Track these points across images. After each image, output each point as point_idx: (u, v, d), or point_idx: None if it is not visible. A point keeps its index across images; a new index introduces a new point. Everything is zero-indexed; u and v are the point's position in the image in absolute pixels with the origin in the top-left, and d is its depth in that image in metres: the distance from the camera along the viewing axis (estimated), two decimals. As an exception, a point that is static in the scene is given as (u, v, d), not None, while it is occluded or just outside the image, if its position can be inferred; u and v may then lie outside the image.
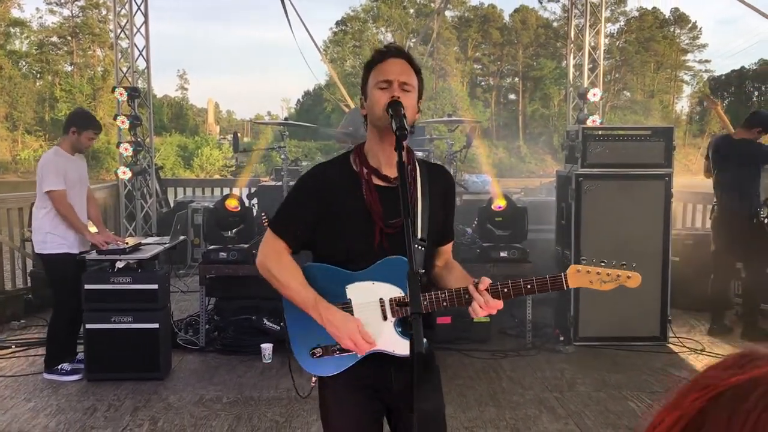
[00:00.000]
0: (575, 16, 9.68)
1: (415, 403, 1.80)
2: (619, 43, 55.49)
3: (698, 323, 6.38)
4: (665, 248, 5.63)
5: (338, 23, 55.39)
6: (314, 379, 2.13)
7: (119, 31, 9.18)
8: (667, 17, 57.90)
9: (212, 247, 5.64)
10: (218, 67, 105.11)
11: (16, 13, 52.50)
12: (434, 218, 2.07)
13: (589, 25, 9.09)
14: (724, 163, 5.85)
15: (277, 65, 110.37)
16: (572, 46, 9.52)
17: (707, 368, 0.61)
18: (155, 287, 4.78)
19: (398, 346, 2.00)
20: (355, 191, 2.01)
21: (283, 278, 2.01)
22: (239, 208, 5.68)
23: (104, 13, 51.43)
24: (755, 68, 60.57)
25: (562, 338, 5.59)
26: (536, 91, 54.41)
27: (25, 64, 52.52)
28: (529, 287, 1.99)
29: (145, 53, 9.15)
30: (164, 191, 9.97)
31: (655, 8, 56.93)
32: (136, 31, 9.07)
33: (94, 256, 4.85)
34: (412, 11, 55.26)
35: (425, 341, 1.95)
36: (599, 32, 9.21)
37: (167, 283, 5.08)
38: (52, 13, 53.26)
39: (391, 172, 2.03)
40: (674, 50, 57.64)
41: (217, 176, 40.80)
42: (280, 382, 4.75)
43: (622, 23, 56.21)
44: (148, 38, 9.13)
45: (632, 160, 5.61)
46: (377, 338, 2.00)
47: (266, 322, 5.45)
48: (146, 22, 9.09)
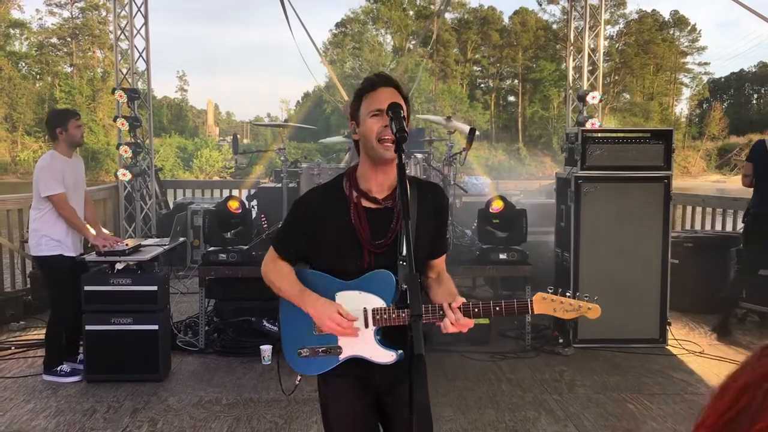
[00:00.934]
0: (575, 18, 9.70)
1: (413, 406, 1.82)
2: (618, 45, 55.53)
3: (697, 326, 6.38)
4: (664, 250, 5.63)
5: (338, 25, 55.47)
6: (299, 378, 2.30)
7: (119, 32, 9.19)
8: (666, 20, 57.99)
9: (212, 248, 5.64)
10: (218, 68, 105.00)
11: (16, 14, 52.60)
12: (423, 233, 2.18)
13: (588, 27, 9.11)
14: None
15: (276, 67, 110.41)
16: (572, 48, 9.53)
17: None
18: (155, 289, 4.78)
19: (375, 353, 2.15)
20: (343, 215, 2.15)
21: (277, 282, 2.23)
22: (240, 209, 5.69)
23: (104, 14, 51.45)
24: (754, 71, 60.72)
25: (561, 340, 5.59)
26: (536, 93, 54.43)
27: (24, 65, 52.52)
28: (497, 309, 2.11)
29: (144, 55, 9.16)
30: (164, 193, 9.98)
31: (654, 10, 57.04)
32: (136, 32, 9.09)
33: (94, 257, 4.85)
34: (411, 13, 55.27)
35: (399, 352, 2.14)
36: (599, 34, 9.22)
37: (167, 284, 5.08)
38: (52, 14, 53.30)
39: (379, 194, 2.17)
40: (673, 53, 57.68)
41: (216, 178, 40.82)
42: (279, 384, 4.74)
43: (621, 25, 56.31)
44: (148, 40, 9.14)
45: (631, 162, 5.62)
46: (358, 344, 2.15)
47: (266, 323, 5.46)
48: (146, 23, 9.11)
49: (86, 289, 4.72)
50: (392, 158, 2.06)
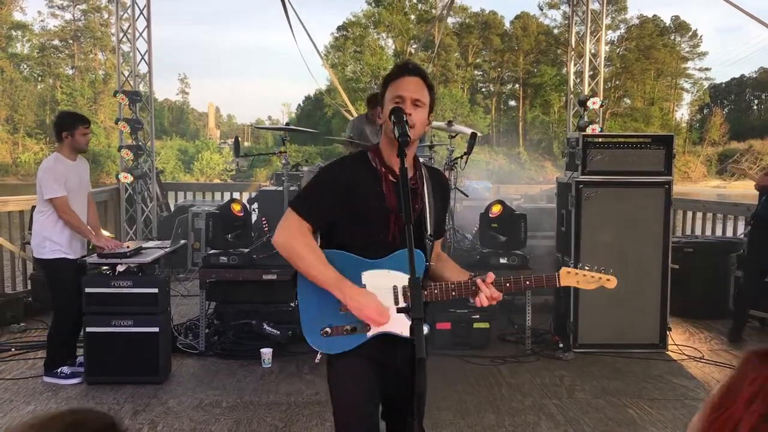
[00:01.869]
0: (576, 23, 9.71)
1: (415, 408, 1.83)
2: (619, 50, 55.57)
3: (697, 331, 6.38)
4: (665, 255, 5.64)
5: (339, 28, 55.47)
6: (319, 356, 2.34)
7: (121, 35, 9.21)
8: (667, 25, 58.03)
9: (212, 251, 5.64)
10: (219, 71, 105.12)
11: (18, 16, 52.70)
12: (437, 214, 2.30)
13: (589, 32, 9.12)
14: None
15: (278, 70, 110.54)
16: (573, 53, 9.55)
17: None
18: (155, 291, 4.78)
19: (406, 328, 2.09)
20: (375, 186, 2.19)
21: (309, 257, 2.13)
22: (243, 212, 5.71)
23: (106, 16, 51.52)
24: (755, 76, 60.74)
25: (561, 345, 5.59)
26: (536, 97, 54.45)
27: (26, 67, 52.61)
28: (527, 283, 2.29)
29: (146, 57, 9.18)
30: (165, 195, 9.99)
31: (655, 16, 57.10)
32: (138, 35, 9.10)
33: (95, 259, 4.85)
34: (413, 17, 55.31)
35: (429, 325, 2.13)
36: (600, 39, 9.24)
37: (167, 287, 5.09)
38: (54, 16, 53.38)
39: None
40: (674, 58, 57.69)
41: (217, 180, 40.85)
42: (279, 386, 4.75)
43: (622, 31, 56.33)
44: (150, 42, 9.16)
45: (632, 167, 5.62)
46: (390, 320, 2.16)
47: (266, 326, 5.46)
48: (148, 26, 9.12)
49: (87, 291, 4.72)
50: (411, 141, 2.12)
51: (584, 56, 9.15)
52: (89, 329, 4.74)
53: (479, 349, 5.61)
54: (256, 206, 7.50)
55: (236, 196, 9.85)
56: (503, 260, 5.65)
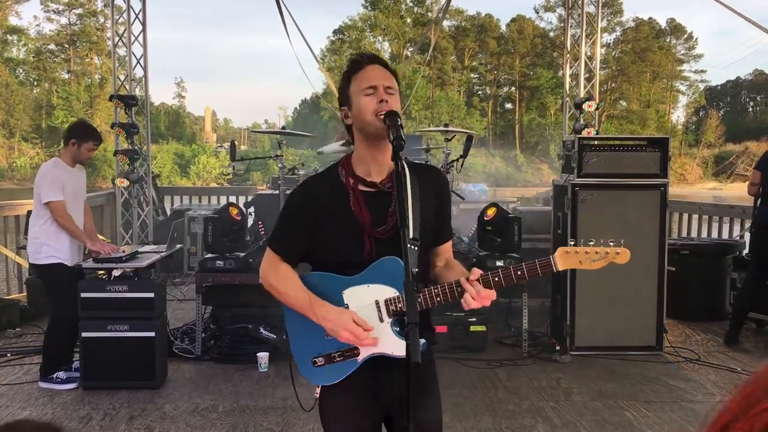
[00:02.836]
0: (571, 26, 9.74)
1: (411, 412, 1.82)
2: (615, 53, 55.70)
3: (693, 333, 6.39)
4: (661, 258, 5.65)
5: (335, 32, 55.53)
6: (317, 390, 2.15)
7: (117, 39, 9.20)
8: (662, 27, 58.18)
9: (209, 255, 5.64)
10: (215, 75, 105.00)
11: (13, 20, 52.57)
12: (426, 218, 2.08)
13: (585, 34, 9.14)
14: None
15: (274, 74, 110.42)
16: (568, 55, 9.57)
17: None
18: (151, 296, 4.77)
19: (396, 347, 2.00)
20: (342, 203, 2.04)
21: (280, 286, 2.06)
22: (240, 216, 5.71)
23: (102, 21, 51.48)
24: (750, 78, 60.91)
25: (558, 347, 5.59)
26: (533, 100, 54.55)
27: (22, 71, 52.51)
28: (519, 273, 1.98)
29: (142, 61, 9.18)
30: (161, 199, 9.97)
31: (651, 18, 57.23)
32: (133, 39, 9.10)
33: (90, 264, 4.85)
34: (409, 20, 55.40)
35: (423, 342, 1.99)
36: (595, 42, 9.26)
37: (163, 291, 5.07)
38: (49, 20, 53.46)
39: (378, 177, 2.07)
40: (670, 60, 57.83)
41: (213, 184, 40.79)
42: (276, 391, 4.74)
43: (618, 33, 56.44)
44: (145, 46, 9.15)
45: (628, 169, 5.63)
46: (376, 341, 2.00)
47: (263, 330, 5.45)
48: (144, 30, 9.12)
49: (83, 296, 4.71)
50: (383, 129, 1.96)
51: (580, 59, 9.17)
52: (85, 334, 4.73)
53: (476, 352, 5.60)
54: (252, 210, 7.49)
55: (233, 199, 9.85)
56: (499, 263, 5.65)
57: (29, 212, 5.40)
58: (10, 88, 48.81)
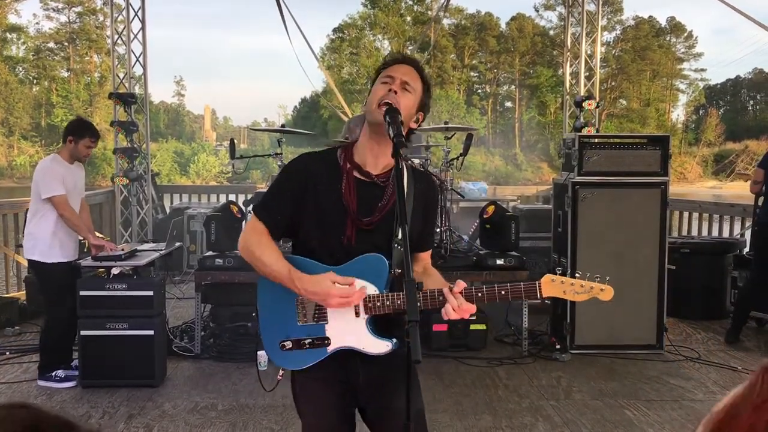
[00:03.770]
0: (571, 24, 9.73)
1: (410, 410, 1.81)
2: (615, 51, 55.66)
3: (694, 331, 6.38)
4: (661, 256, 5.63)
5: (335, 30, 55.45)
6: (281, 373, 2.18)
7: (116, 37, 9.19)
8: (662, 26, 58.16)
9: (208, 253, 5.62)
10: (215, 73, 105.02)
11: (13, 18, 52.51)
12: (414, 223, 2.08)
13: (585, 33, 9.13)
14: None
15: (274, 72, 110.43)
16: (569, 54, 9.55)
17: None
18: (151, 294, 4.76)
19: (368, 344, 2.01)
20: (334, 184, 2.04)
21: (263, 256, 2.01)
22: (240, 214, 5.71)
23: (101, 19, 51.38)
24: (750, 77, 60.92)
25: (558, 346, 5.57)
26: (533, 99, 54.51)
27: (21, 69, 52.43)
28: (503, 293, 1.99)
29: (142, 59, 9.16)
30: (160, 197, 9.97)
31: (651, 17, 57.21)
32: (133, 37, 9.08)
33: (89, 262, 4.83)
34: (409, 19, 55.35)
35: (394, 340, 2.01)
36: (595, 40, 9.25)
37: (163, 289, 5.06)
38: (49, 19, 53.22)
39: (374, 169, 2.07)
40: (670, 59, 57.81)
41: (213, 183, 40.80)
42: (275, 389, 4.71)
43: (618, 32, 56.38)
44: (145, 44, 9.14)
45: (628, 168, 5.62)
46: (349, 335, 2.02)
47: (262, 329, 5.43)
48: (143, 28, 9.11)
49: (82, 294, 4.69)
50: (382, 123, 1.96)
51: (580, 57, 9.16)
52: (84, 332, 4.71)
53: (476, 350, 5.59)
54: (251, 208, 7.48)
55: (232, 198, 9.84)
56: (500, 261, 5.64)
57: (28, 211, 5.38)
58: (9, 86, 48.78)
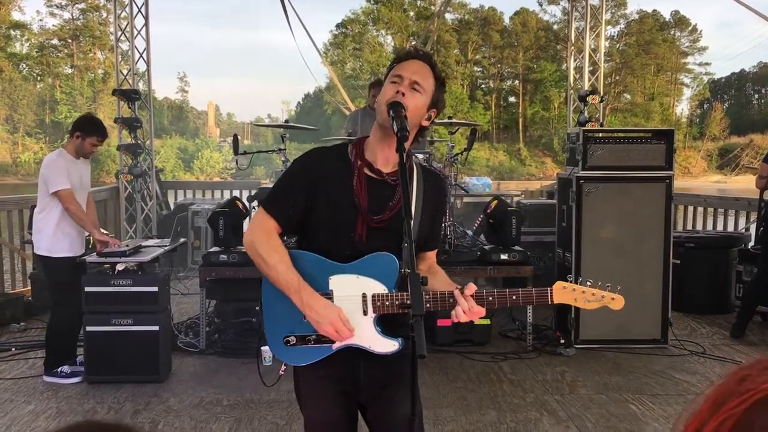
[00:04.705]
0: (575, 18, 9.69)
1: (413, 406, 1.82)
2: (619, 45, 55.52)
3: (699, 326, 6.37)
4: (666, 250, 5.62)
5: (338, 26, 55.46)
6: (283, 368, 2.15)
7: (120, 33, 9.19)
8: (667, 20, 57.98)
9: (212, 249, 5.63)
10: (219, 69, 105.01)
11: (16, 15, 52.57)
12: (423, 221, 2.08)
13: (589, 27, 9.10)
14: None
15: (277, 68, 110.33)
16: (572, 48, 9.53)
17: (740, 369, 0.61)
18: (155, 290, 4.77)
19: (375, 343, 2.00)
20: (345, 180, 2.01)
21: (270, 259, 1.97)
22: (245, 210, 5.72)
23: (105, 15, 51.43)
24: (755, 71, 60.73)
25: (562, 341, 5.57)
26: (536, 93, 54.42)
27: (25, 66, 52.52)
28: (514, 298, 2.00)
29: (145, 56, 9.16)
30: (164, 194, 9.97)
31: (655, 11, 57.02)
32: (136, 33, 9.08)
33: (94, 258, 4.84)
34: (412, 14, 55.28)
35: (400, 340, 2.01)
36: (599, 35, 9.22)
37: (167, 285, 5.07)
38: (52, 15, 53.26)
39: (384, 167, 2.04)
40: (674, 53, 57.66)
41: (217, 179, 40.86)
42: (280, 384, 4.68)
43: (622, 26, 56.29)
44: (148, 41, 9.14)
45: (633, 162, 5.60)
46: (355, 333, 1.99)
47: (266, 324, 5.44)
48: (147, 24, 9.10)
49: (87, 290, 4.70)
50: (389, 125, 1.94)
51: (584, 52, 9.13)
52: (89, 328, 4.73)
53: (480, 345, 5.60)
54: (255, 204, 7.49)
55: (236, 194, 9.85)
56: (504, 256, 5.63)
57: (33, 207, 5.40)
58: (13, 83, 48.89)
